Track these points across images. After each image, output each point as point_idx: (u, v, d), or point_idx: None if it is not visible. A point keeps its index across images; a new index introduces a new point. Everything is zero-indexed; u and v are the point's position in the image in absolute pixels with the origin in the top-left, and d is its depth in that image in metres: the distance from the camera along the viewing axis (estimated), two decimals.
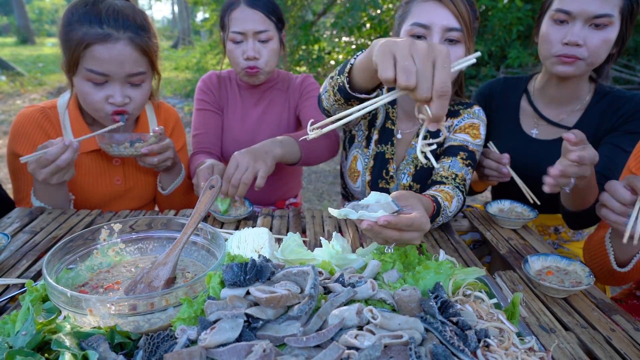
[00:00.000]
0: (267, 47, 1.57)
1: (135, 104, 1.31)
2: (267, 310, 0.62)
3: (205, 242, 0.89)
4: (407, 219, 0.80)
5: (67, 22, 1.23)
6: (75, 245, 0.84)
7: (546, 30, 1.32)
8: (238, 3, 1.54)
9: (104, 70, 1.22)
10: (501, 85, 1.60)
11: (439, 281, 0.72)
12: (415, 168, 1.40)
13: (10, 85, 8.93)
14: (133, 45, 1.23)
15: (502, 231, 1.23)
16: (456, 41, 1.24)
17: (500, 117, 1.56)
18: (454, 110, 1.41)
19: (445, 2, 1.22)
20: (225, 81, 1.78)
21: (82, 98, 1.29)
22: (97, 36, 1.19)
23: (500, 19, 5.97)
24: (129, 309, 0.66)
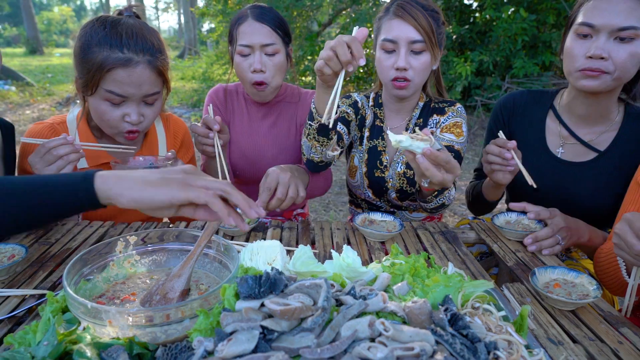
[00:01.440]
0: (274, 61, 1.59)
1: (148, 120, 1.36)
2: (282, 322, 0.64)
3: (218, 254, 0.91)
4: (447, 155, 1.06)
5: (87, 44, 1.25)
6: (93, 257, 0.86)
7: (570, 44, 1.29)
8: (246, 17, 1.58)
9: (123, 92, 1.25)
10: (525, 99, 1.55)
11: (449, 294, 0.73)
12: None
13: (20, 95, 9.05)
14: (151, 67, 1.27)
15: (509, 243, 1.24)
16: (420, 51, 1.42)
17: (525, 134, 1.51)
18: (439, 108, 1.59)
19: (407, 19, 1.40)
20: (232, 95, 1.81)
21: (97, 116, 1.32)
22: (119, 61, 1.22)
23: (504, 29, 6.00)
24: (147, 320, 0.68)
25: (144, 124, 1.34)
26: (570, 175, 1.41)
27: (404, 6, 1.41)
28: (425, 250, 1.19)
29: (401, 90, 1.46)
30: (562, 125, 1.45)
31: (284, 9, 7.16)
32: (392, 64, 1.44)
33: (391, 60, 1.44)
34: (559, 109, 1.47)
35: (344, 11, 8.29)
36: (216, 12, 8.49)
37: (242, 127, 1.78)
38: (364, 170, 1.61)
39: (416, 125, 1.58)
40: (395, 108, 1.61)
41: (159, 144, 1.57)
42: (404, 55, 1.41)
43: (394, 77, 1.44)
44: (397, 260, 0.89)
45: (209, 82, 10.47)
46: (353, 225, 1.31)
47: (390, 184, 1.57)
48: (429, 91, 1.61)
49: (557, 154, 1.45)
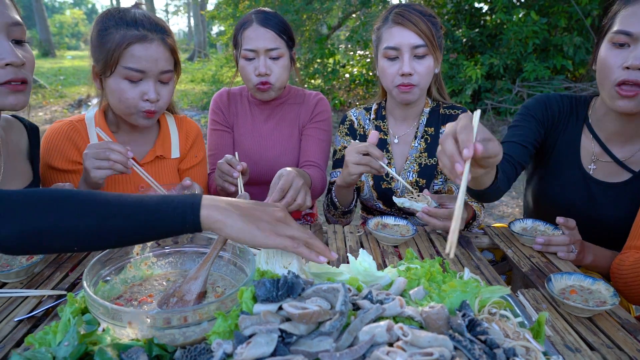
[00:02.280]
0: (278, 64, 1.63)
1: (164, 101, 1.41)
2: (300, 326, 0.64)
3: (233, 257, 0.92)
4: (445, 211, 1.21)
5: (103, 27, 1.33)
6: (111, 259, 0.87)
7: (604, 54, 1.19)
8: (250, 22, 1.62)
9: (141, 67, 1.32)
10: (567, 108, 1.43)
11: (466, 299, 0.73)
12: (419, 166, 1.57)
13: (33, 97, 9.17)
14: (164, 45, 1.35)
15: (523, 249, 1.23)
16: (423, 55, 1.44)
17: (560, 144, 1.42)
18: (453, 115, 1.58)
19: (407, 25, 1.42)
20: (236, 97, 1.85)
21: (117, 97, 1.36)
22: (136, 37, 1.30)
23: (515, 32, 5.98)
24: (165, 322, 0.69)
25: (160, 103, 1.40)
26: (601, 195, 1.34)
27: (402, 13, 1.43)
28: (438, 254, 1.19)
29: (407, 95, 1.46)
30: (596, 140, 1.37)
31: (294, 12, 7.20)
32: (397, 71, 1.44)
33: (395, 67, 1.45)
34: (592, 121, 1.38)
35: (353, 14, 8.31)
36: (226, 15, 8.56)
37: (246, 129, 1.81)
38: (371, 184, 1.61)
39: (426, 134, 1.57)
40: (401, 116, 1.61)
41: (172, 142, 1.60)
42: (407, 60, 1.42)
43: (400, 83, 1.45)
44: (413, 265, 0.89)
45: (218, 85, 10.53)
46: (366, 229, 1.31)
47: (399, 193, 1.57)
48: (434, 95, 1.61)
49: (589, 171, 1.37)
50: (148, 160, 1.52)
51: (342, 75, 8.02)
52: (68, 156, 1.42)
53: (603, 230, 1.33)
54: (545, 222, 1.33)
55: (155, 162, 1.55)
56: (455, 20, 7.34)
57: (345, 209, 1.51)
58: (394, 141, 1.61)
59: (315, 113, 1.79)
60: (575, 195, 1.36)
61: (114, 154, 1.22)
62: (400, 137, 1.61)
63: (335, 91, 8.08)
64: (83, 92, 9.97)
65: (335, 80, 7.87)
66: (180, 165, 1.63)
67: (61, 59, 21.69)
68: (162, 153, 1.55)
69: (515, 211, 3.83)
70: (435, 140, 1.56)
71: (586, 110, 1.41)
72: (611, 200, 1.34)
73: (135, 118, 1.41)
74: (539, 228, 1.32)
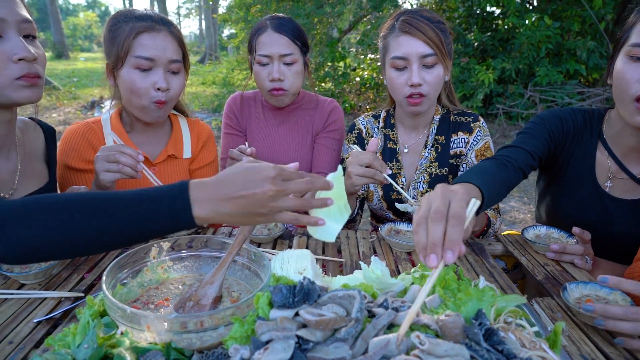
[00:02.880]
0: (292, 70, 1.65)
1: (174, 91, 1.45)
2: (316, 332, 0.64)
3: (248, 262, 0.93)
4: None
5: (114, 23, 1.41)
6: (128, 263, 0.88)
7: (621, 68, 1.16)
8: (265, 28, 1.63)
9: (150, 54, 1.37)
10: (581, 123, 1.39)
11: (482, 308, 0.73)
12: (429, 176, 1.54)
13: (47, 98, 9.30)
14: (172, 35, 1.43)
15: (537, 257, 1.23)
16: (432, 64, 1.39)
17: (575, 162, 1.39)
18: (463, 123, 1.54)
19: (415, 34, 1.37)
20: (250, 101, 1.86)
21: (128, 87, 1.40)
22: (144, 27, 1.38)
23: (528, 37, 5.94)
24: (182, 326, 0.70)
25: (170, 93, 1.44)
26: (617, 211, 1.31)
27: (409, 21, 1.38)
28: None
29: (417, 107, 1.42)
30: (611, 157, 1.33)
31: (305, 16, 7.22)
32: (405, 81, 1.40)
33: (403, 77, 1.41)
34: (606, 137, 1.35)
35: (364, 18, 8.32)
36: (238, 18, 8.61)
37: (259, 133, 1.82)
38: (381, 194, 1.58)
39: (437, 143, 1.54)
40: (411, 124, 1.57)
41: (184, 143, 1.63)
42: (416, 70, 1.38)
43: (409, 94, 1.41)
44: (427, 272, 0.90)
45: (229, 87, 10.59)
46: (379, 235, 1.31)
47: None
48: (444, 102, 1.57)
49: (605, 188, 1.34)
50: (160, 160, 1.55)
51: (353, 78, 8.02)
52: (85, 156, 1.46)
53: (618, 246, 1.31)
54: (559, 229, 1.32)
55: (167, 161, 1.58)
56: (466, 24, 7.32)
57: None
58: (404, 150, 1.58)
59: (329, 122, 1.80)
60: (591, 212, 1.34)
61: (124, 157, 1.24)
62: (409, 147, 1.58)
63: (346, 95, 8.09)
64: (96, 93, 10.09)
65: (346, 84, 7.88)
66: (191, 165, 1.66)
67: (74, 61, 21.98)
68: (174, 153, 1.58)
69: (527, 217, 3.80)
70: (445, 149, 1.52)
71: (600, 125, 1.37)
72: (628, 216, 1.31)
73: (147, 110, 1.44)
74: (553, 235, 1.30)
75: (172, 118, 1.65)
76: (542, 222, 1.53)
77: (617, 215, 1.31)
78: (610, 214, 1.31)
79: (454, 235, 0.72)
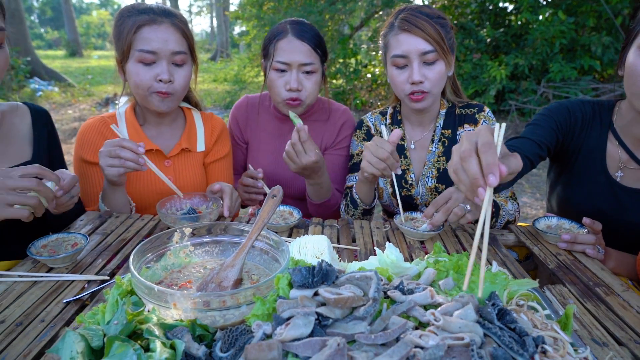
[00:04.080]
0: (311, 80, 1.56)
1: (179, 83, 1.46)
2: (335, 310, 0.67)
3: (267, 247, 0.96)
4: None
5: (119, 18, 1.45)
6: (152, 247, 0.92)
7: (634, 61, 1.16)
8: (285, 33, 1.54)
9: (152, 48, 1.40)
10: (590, 114, 1.41)
11: (495, 290, 0.75)
12: (438, 171, 1.53)
13: (62, 96, 9.45)
14: (174, 27, 1.43)
15: (550, 247, 1.24)
16: (433, 61, 1.39)
17: (584, 151, 1.40)
18: (468, 115, 1.53)
19: (414, 31, 1.36)
20: (256, 107, 1.79)
21: (133, 80, 1.44)
22: (145, 20, 1.40)
23: (541, 32, 5.89)
24: (206, 305, 0.73)
25: (175, 85, 1.45)
26: (629, 201, 1.32)
27: (408, 19, 1.37)
28: (465, 250, 1.20)
29: (419, 103, 1.42)
30: (622, 147, 1.35)
31: (317, 13, 7.23)
32: (406, 79, 1.40)
33: (404, 75, 1.40)
34: (617, 127, 1.36)
35: (376, 14, 8.31)
36: (250, 15, 8.65)
37: (264, 143, 1.78)
38: (390, 191, 1.59)
39: (444, 137, 1.54)
40: (417, 120, 1.57)
41: (198, 136, 1.67)
42: (417, 68, 1.37)
43: (411, 91, 1.40)
44: (441, 258, 0.92)
45: (241, 84, 10.65)
46: (392, 224, 1.34)
47: (419, 200, 1.56)
48: (448, 96, 1.56)
49: (616, 178, 1.35)
50: (174, 153, 1.59)
51: (364, 75, 8.03)
52: (98, 149, 1.47)
53: (629, 236, 1.32)
54: (570, 220, 1.33)
55: (181, 154, 1.61)
56: (479, 20, 7.28)
57: (366, 206, 1.49)
58: (411, 146, 1.58)
59: (339, 138, 1.74)
60: (602, 202, 1.35)
61: (124, 151, 1.25)
62: (416, 142, 1.57)
63: (357, 91, 8.09)
64: (110, 90, 10.23)
65: (357, 80, 7.89)
66: (206, 159, 1.69)
67: (88, 59, 22.24)
68: (187, 146, 1.62)
69: (539, 213, 3.79)
70: (452, 143, 1.52)
71: (610, 116, 1.38)
72: (638, 206, 1.32)
73: (152, 101, 1.46)
74: (564, 226, 1.32)
75: (185, 111, 1.68)
76: (554, 213, 1.54)
77: (628, 205, 1.32)
78: (621, 203, 1.33)
79: (489, 159, 0.73)
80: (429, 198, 1.54)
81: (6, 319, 0.86)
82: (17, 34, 10.03)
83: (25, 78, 9.52)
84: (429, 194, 1.54)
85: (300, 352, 0.61)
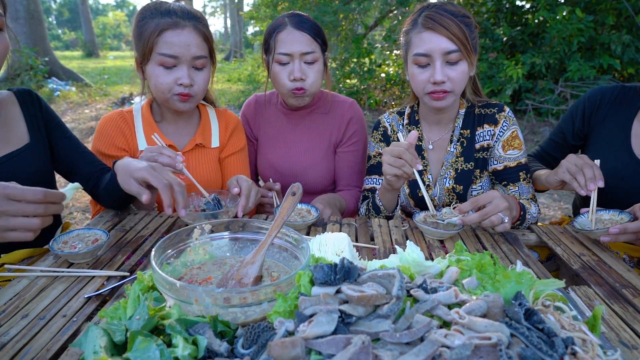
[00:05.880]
0: (313, 69, 1.59)
1: (199, 86, 1.47)
2: (358, 307, 0.66)
3: (287, 244, 0.95)
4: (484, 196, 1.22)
5: (141, 18, 1.43)
6: (172, 244, 0.92)
7: None
8: (284, 25, 1.57)
9: (174, 52, 1.39)
10: (617, 94, 1.45)
11: (520, 290, 0.73)
12: (455, 171, 1.50)
13: (79, 95, 9.58)
14: (197, 31, 1.42)
15: (573, 247, 1.21)
16: (456, 61, 1.34)
17: (607, 131, 1.43)
18: (488, 115, 1.50)
19: (438, 30, 1.31)
20: (265, 104, 1.82)
21: (153, 83, 1.44)
22: (168, 24, 1.38)
23: (559, 30, 5.80)
24: (226, 301, 0.73)
25: (195, 88, 1.45)
26: None
27: (432, 17, 1.33)
28: (485, 249, 1.18)
29: (440, 102, 1.38)
30: None
31: (332, 12, 7.22)
32: (428, 78, 1.36)
33: (426, 74, 1.36)
34: None
35: (390, 13, 8.27)
36: (265, 16, 8.68)
37: (274, 138, 1.80)
38: (407, 192, 1.56)
39: (462, 137, 1.50)
40: (435, 120, 1.53)
41: (212, 132, 1.68)
42: (439, 67, 1.33)
43: (430, 90, 1.37)
44: (463, 257, 0.90)
45: (255, 84, 10.69)
46: (411, 223, 1.32)
47: (436, 201, 1.54)
48: (468, 96, 1.52)
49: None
50: (189, 149, 1.60)
51: (378, 75, 7.99)
52: (115, 143, 1.53)
53: None
54: (606, 209, 1.27)
55: (195, 150, 1.62)
56: (495, 19, 7.19)
57: (388, 213, 1.47)
58: (429, 147, 1.55)
59: (348, 133, 1.74)
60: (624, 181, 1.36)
61: (162, 157, 1.27)
62: (434, 143, 1.54)
63: (371, 91, 8.06)
64: (126, 90, 10.35)
65: (371, 80, 7.86)
66: (221, 154, 1.70)
67: (104, 59, 22.55)
68: (202, 142, 1.63)
69: (557, 214, 3.73)
70: (471, 143, 1.49)
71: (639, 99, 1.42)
72: None
73: (172, 102, 1.48)
74: (603, 217, 1.25)
75: (200, 108, 1.69)
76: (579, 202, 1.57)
77: None
78: None
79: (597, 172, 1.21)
80: (446, 199, 1.52)
81: (29, 312, 0.87)
82: (36, 34, 10.19)
83: (44, 78, 9.68)
84: (447, 194, 1.51)
85: (324, 350, 0.60)
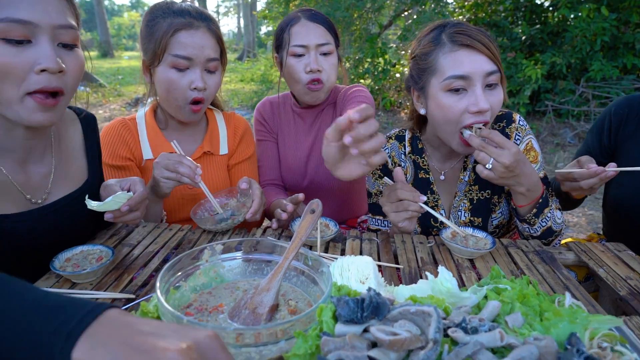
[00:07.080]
0: (329, 61, 1.57)
1: (210, 90, 1.42)
2: (390, 353, 0.58)
3: (305, 267, 0.87)
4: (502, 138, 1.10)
5: (152, 18, 1.36)
6: (181, 265, 0.84)
7: None
8: (298, 18, 1.57)
9: (188, 54, 1.33)
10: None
11: (575, 332, 0.64)
12: (470, 202, 1.34)
13: (93, 96, 9.63)
14: (210, 32, 1.37)
15: (617, 268, 1.11)
16: (495, 84, 1.16)
17: (632, 144, 1.34)
18: (497, 129, 1.30)
19: (478, 47, 1.12)
20: (279, 107, 1.80)
21: (165, 87, 1.38)
22: (183, 24, 1.33)
23: (582, 29, 5.62)
24: (240, 339, 0.65)
25: (207, 92, 1.40)
26: None
27: (466, 32, 1.13)
28: (520, 271, 1.09)
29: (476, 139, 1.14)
30: None
31: (344, 9, 7.12)
32: (466, 107, 1.13)
33: (463, 102, 1.14)
34: None
35: (405, 12, 8.15)
36: (278, 14, 8.62)
37: (290, 139, 1.78)
38: (419, 231, 1.40)
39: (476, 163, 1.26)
40: (447, 148, 1.32)
41: (220, 139, 1.61)
42: (480, 93, 1.11)
43: (472, 122, 1.14)
44: (501, 285, 0.81)
45: (267, 84, 10.65)
46: (438, 239, 1.23)
47: None
48: None
49: None
50: (196, 157, 1.53)
51: (393, 75, 7.87)
52: (117, 153, 1.47)
53: None
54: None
55: (203, 158, 1.55)
56: (513, 18, 7.03)
57: None
58: (440, 177, 1.37)
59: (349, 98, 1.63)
60: None
61: (183, 167, 1.23)
62: (446, 173, 1.37)
63: (386, 91, 7.95)
64: (139, 90, 10.37)
65: (386, 80, 7.74)
66: (230, 161, 1.63)
67: (119, 60, 22.74)
68: (209, 149, 1.56)
69: (581, 220, 3.60)
70: None
71: None
72: None
73: (183, 111, 1.42)
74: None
75: (207, 114, 1.63)
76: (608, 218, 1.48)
77: None
78: None
79: None
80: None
81: None
82: None
83: None
84: None
85: None
